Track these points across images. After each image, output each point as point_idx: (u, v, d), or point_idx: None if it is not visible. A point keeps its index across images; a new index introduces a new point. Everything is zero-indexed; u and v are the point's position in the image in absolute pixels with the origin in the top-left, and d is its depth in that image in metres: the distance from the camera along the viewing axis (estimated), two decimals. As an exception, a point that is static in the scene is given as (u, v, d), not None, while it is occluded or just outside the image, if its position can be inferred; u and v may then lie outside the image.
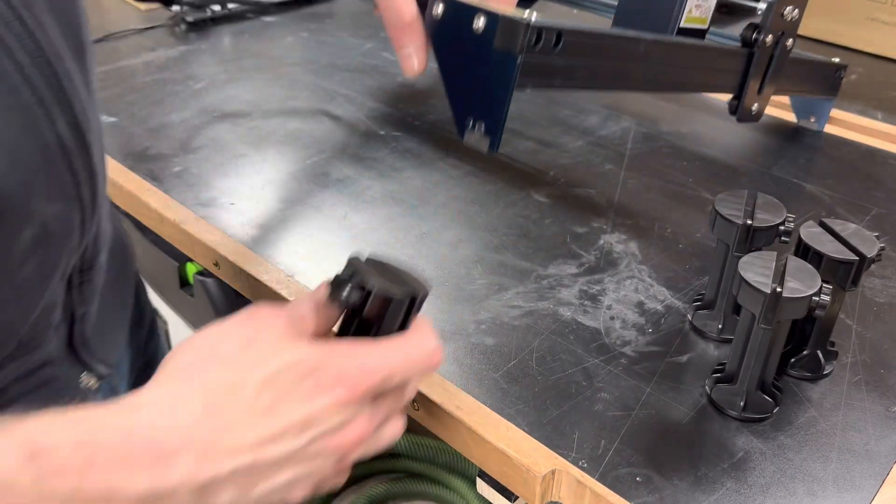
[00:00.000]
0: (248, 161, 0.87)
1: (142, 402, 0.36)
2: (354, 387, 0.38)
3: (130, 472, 0.33)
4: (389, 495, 1.43)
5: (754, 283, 0.51)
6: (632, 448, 0.52)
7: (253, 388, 0.37)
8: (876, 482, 0.51)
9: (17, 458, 0.31)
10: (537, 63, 0.47)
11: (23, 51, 0.37)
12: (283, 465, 0.38)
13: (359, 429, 0.40)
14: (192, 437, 0.35)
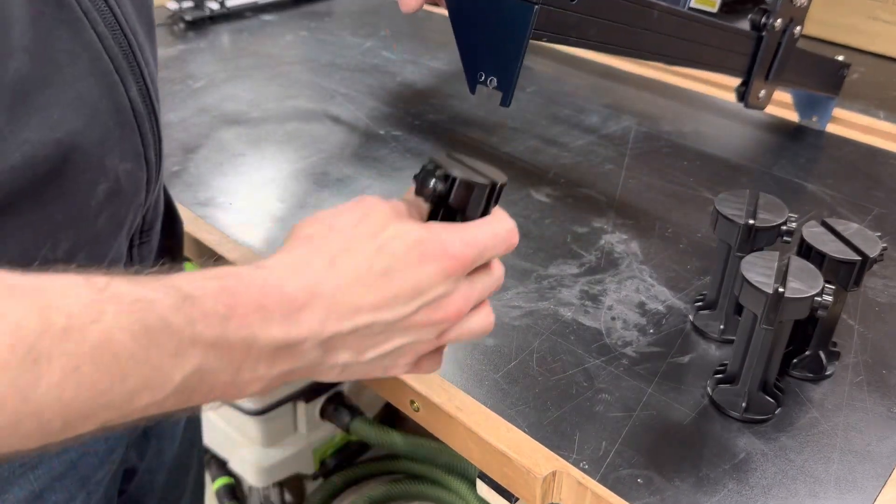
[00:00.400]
0: (247, 160, 0.87)
1: (271, 264, 0.39)
2: (456, 257, 0.41)
3: (266, 323, 0.36)
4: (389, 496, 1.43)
5: (756, 283, 0.51)
6: (633, 449, 0.52)
7: (369, 252, 0.40)
8: (878, 483, 0.51)
9: (172, 300, 0.34)
10: (553, 16, 0.47)
11: (104, 24, 0.42)
12: (394, 332, 0.41)
13: (458, 302, 0.42)
14: (318, 294, 0.38)
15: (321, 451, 1.39)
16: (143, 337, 0.32)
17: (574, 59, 1.21)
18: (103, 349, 0.31)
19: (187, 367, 0.34)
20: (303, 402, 1.29)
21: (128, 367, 0.32)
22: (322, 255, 0.40)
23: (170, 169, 0.84)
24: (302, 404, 1.30)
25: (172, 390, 0.34)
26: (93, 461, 0.53)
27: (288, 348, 0.37)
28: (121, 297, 0.33)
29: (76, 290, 0.32)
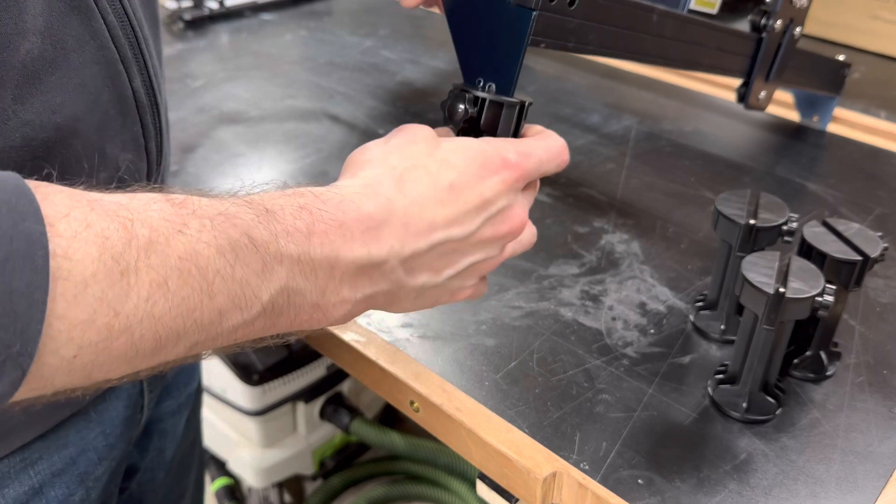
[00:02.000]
0: (247, 160, 0.87)
1: (343, 185, 0.38)
2: (516, 167, 0.42)
3: (347, 242, 0.36)
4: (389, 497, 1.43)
5: (757, 283, 0.50)
6: (633, 450, 0.52)
7: (433, 167, 0.40)
8: (879, 483, 0.50)
9: (254, 214, 0.33)
10: (552, 21, 0.47)
11: (112, 14, 0.43)
12: (466, 248, 0.42)
13: (521, 214, 0.44)
14: (393, 212, 0.38)
15: (321, 452, 1.39)
16: (228, 251, 0.32)
17: (575, 58, 1.21)
18: (189, 263, 0.31)
19: (274, 284, 0.34)
20: (302, 403, 1.29)
21: (215, 282, 0.31)
22: (389, 175, 0.39)
23: (168, 169, 0.84)
24: (301, 405, 1.30)
25: (260, 310, 0.33)
26: (92, 458, 0.53)
27: (371, 268, 0.37)
28: (202, 212, 0.32)
29: (158, 205, 0.32)
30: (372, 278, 0.38)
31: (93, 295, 0.28)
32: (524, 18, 0.45)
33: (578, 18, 0.49)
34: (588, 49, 0.52)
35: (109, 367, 0.30)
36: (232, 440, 1.30)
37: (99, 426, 0.53)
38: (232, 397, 1.24)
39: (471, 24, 0.47)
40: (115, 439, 0.55)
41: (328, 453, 1.41)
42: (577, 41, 0.50)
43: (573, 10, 0.48)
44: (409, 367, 0.58)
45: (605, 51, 0.54)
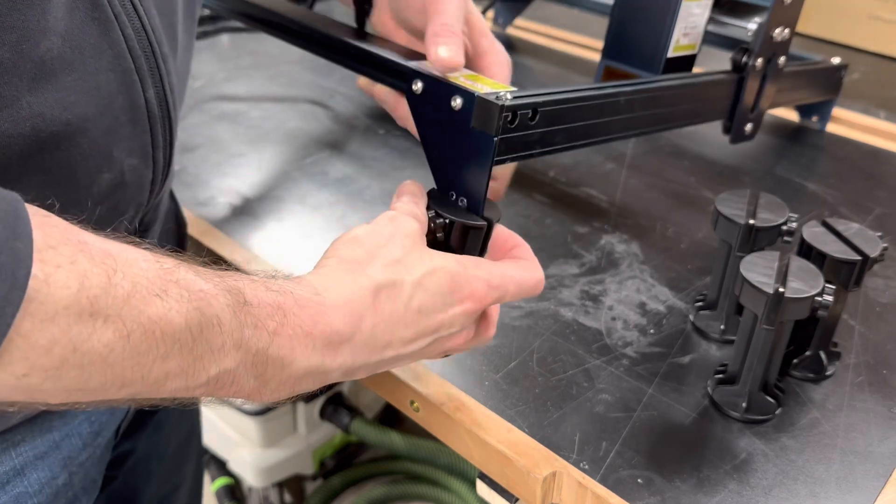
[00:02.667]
0: (247, 160, 0.87)
1: (326, 289, 0.40)
2: (481, 300, 0.44)
3: (307, 350, 0.38)
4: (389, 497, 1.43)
5: (757, 283, 0.50)
6: (633, 450, 0.52)
7: (410, 289, 0.42)
8: (878, 483, 0.50)
9: (231, 300, 0.35)
10: (515, 139, 0.49)
11: (131, 27, 0.44)
12: (406, 357, 0.44)
13: (468, 336, 0.46)
14: (360, 330, 0.40)
15: (321, 452, 1.39)
16: (195, 326, 0.34)
17: (574, 58, 1.21)
18: (157, 326, 0.32)
19: (224, 365, 0.35)
20: (302, 403, 1.29)
21: (173, 349, 0.33)
22: (369, 290, 0.41)
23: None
24: (301, 405, 1.30)
25: (204, 382, 0.35)
26: (77, 443, 0.53)
27: (316, 375, 0.39)
28: (186, 284, 0.34)
29: (145, 264, 0.33)
30: (314, 381, 0.40)
31: (59, 326, 0.30)
32: (487, 143, 0.47)
33: (542, 128, 0.50)
34: (555, 150, 0.54)
35: (53, 393, 0.32)
36: (232, 440, 1.30)
37: (84, 413, 0.53)
38: (232, 397, 1.24)
39: (441, 145, 0.49)
40: (100, 426, 0.56)
41: (328, 453, 1.41)
42: (542, 146, 0.52)
43: (535, 123, 0.49)
44: (409, 368, 0.58)
45: (575, 144, 0.55)
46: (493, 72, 0.54)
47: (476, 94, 0.46)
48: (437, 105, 0.48)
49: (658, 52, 0.72)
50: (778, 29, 0.74)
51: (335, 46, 0.59)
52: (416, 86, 0.49)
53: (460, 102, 0.47)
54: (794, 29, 0.76)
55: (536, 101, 0.49)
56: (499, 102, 0.46)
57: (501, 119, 0.46)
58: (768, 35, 0.73)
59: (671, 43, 0.71)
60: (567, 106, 0.52)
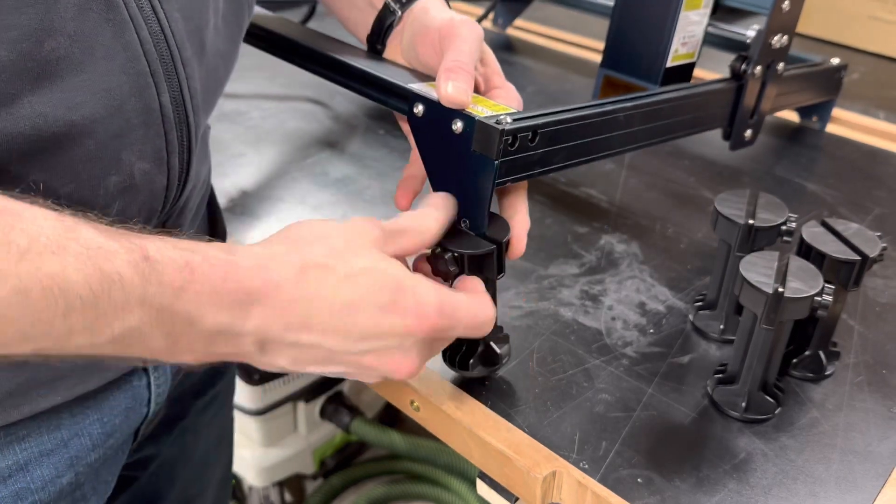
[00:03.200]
0: (247, 160, 0.87)
1: (243, 252, 0.40)
2: (425, 321, 0.42)
3: (214, 307, 0.37)
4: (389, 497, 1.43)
5: (756, 283, 0.51)
6: (633, 449, 0.52)
7: (342, 276, 0.40)
8: (878, 483, 0.50)
9: (133, 257, 0.35)
10: (516, 160, 0.49)
11: (147, 30, 0.44)
12: (336, 362, 0.42)
13: (410, 365, 0.43)
14: (275, 297, 0.39)
15: (321, 451, 1.39)
16: (95, 283, 0.34)
17: (574, 59, 1.21)
18: (55, 281, 0.33)
19: (128, 322, 0.35)
20: (303, 403, 1.29)
21: (73, 305, 0.34)
22: (296, 261, 0.40)
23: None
24: (302, 404, 1.30)
25: (110, 339, 0.36)
26: (86, 443, 0.53)
27: (227, 336, 0.38)
28: (85, 241, 0.34)
29: (45, 222, 0.34)
30: (227, 344, 0.39)
31: None
32: (488, 167, 0.47)
33: (542, 148, 0.51)
34: (556, 168, 0.54)
35: None
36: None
37: (96, 413, 0.53)
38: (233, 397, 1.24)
39: (442, 167, 0.50)
40: (114, 428, 0.55)
41: (328, 453, 1.41)
42: (542, 166, 0.52)
43: (535, 144, 0.49)
44: (409, 367, 0.58)
45: (575, 162, 0.55)
46: None
47: (476, 118, 0.47)
48: (437, 128, 0.49)
49: (657, 62, 0.72)
50: (776, 36, 0.74)
51: (337, 67, 0.59)
52: (418, 108, 0.50)
53: (461, 126, 0.47)
54: (792, 35, 0.76)
55: (536, 124, 0.49)
56: (499, 127, 0.46)
57: (502, 143, 0.46)
58: (767, 42, 0.73)
59: (670, 52, 0.72)
60: (566, 126, 0.52)
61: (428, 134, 0.50)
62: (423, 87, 0.51)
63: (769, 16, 0.72)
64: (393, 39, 0.60)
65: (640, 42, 0.73)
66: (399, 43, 0.59)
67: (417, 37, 0.55)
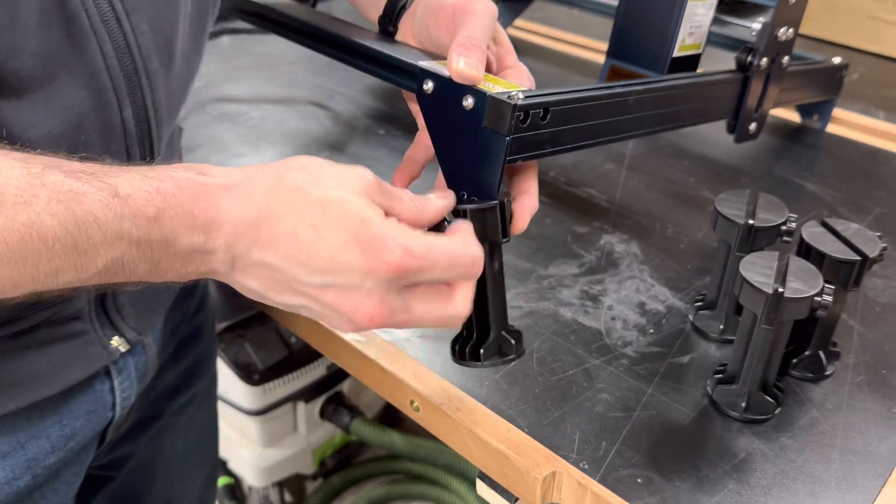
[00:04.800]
0: (247, 160, 0.87)
1: (217, 173, 0.40)
2: (386, 260, 0.39)
3: (189, 228, 0.38)
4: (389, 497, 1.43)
5: (756, 283, 0.50)
6: (633, 449, 0.52)
7: (314, 199, 0.39)
8: (878, 483, 0.50)
9: (103, 195, 0.36)
10: (527, 138, 0.48)
11: (111, 44, 0.43)
12: (298, 293, 0.40)
13: (371, 309, 0.40)
14: (241, 216, 0.39)
15: (321, 451, 1.39)
16: (71, 225, 0.35)
17: (574, 59, 1.21)
18: (31, 229, 0.34)
19: (110, 255, 0.37)
20: (303, 403, 1.29)
21: (54, 248, 0.35)
22: (270, 182, 0.40)
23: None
24: (302, 404, 1.30)
25: (95, 272, 0.37)
26: (44, 446, 0.53)
27: (201, 253, 0.39)
28: (54, 186, 0.35)
29: (12, 172, 0.35)
30: (202, 261, 0.40)
31: None
32: (499, 143, 0.46)
33: (552, 127, 0.50)
34: (565, 149, 0.53)
35: None
36: (232, 439, 1.31)
37: (55, 416, 0.53)
38: (233, 397, 1.24)
39: (451, 145, 0.49)
40: (74, 431, 0.55)
41: (328, 453, 1.41)
42: (552, 146, 0.51)
43: (546, 122, 0.49)
44: (409, 367, 0.58)
45: (584, 144, 0.55)
46: None
47: (488, 93, 0.46)
48: (448, 105, 0.48)
49: (663, 52, 0.72)
50: (782, 29, 0.74)
51: (344, 46, 0.59)
52: (427, 85, 0.49)
53: (472, 102, 0.47)
54: (798, 28, 0.76)
55: (548, 101, 0.49)
56: (511, 102, 0.45)
57: (514, 118, 0.46)
58: (773, 35, 0.74)
59: (676, 42, 0.72)
60: (578, 105, 0.52)
61: (437, 112, 0.49)
62: (433, 65, 0.50)
63: (775, 7, 0.73)
64: (405, 21, 0.59)
65: (647, 32, 0.73)
66: (411, 25, 0.58)
67: (430, 15, 0.54)
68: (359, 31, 0.59)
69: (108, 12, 0.43)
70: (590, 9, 1.16)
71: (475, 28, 0.49)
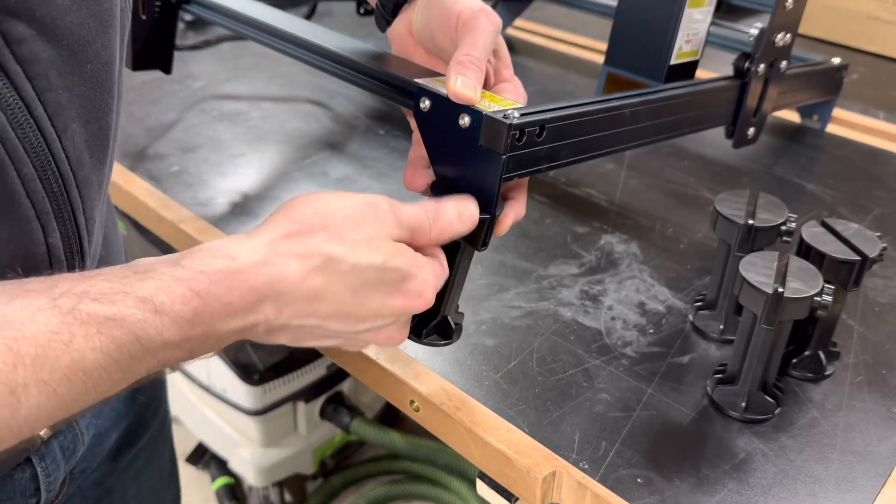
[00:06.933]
0: (247, 160, 0.87)
1: (243, 254, 0.39)
2: (424, 302, 0.44)
3: (228, 318, 0.38)
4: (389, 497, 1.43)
5: (756, 283, 0.51)
6: (633, 449, 0.52)
7: (349, 267, 0.41)
8: (878, 483, 0.50)
9: (142, 314, 0.35)
10: (523, 155, 0.49)
11: (33, 164, 0.39)
12: (334, 337, 0.44)
13: (402, 336, 0.46)
14: (282, 290, 0.39)
15: (321, 451, 1.39)
16: (114, 352, 0.34)
17: (574, 59, 1.21)
18: (76, 369, 0.33)
19: (153, 362, 0.37)
20: (303, 402, 1.29)
21: (101, 377, 0.34)
22: (300, 249, 0.40)
23: (169, 169, 0.84)
24: (302, 404, 1.30)
25: (136, 380, 0.37)
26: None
27: (240, 332, 0.40)
28: (90, 318, 0.34)
29: (41, 317, 0.33)
30: (238, 336, 0.40)
31: None
32: (495, 161, 0.47)
33: (549, 143, 0.50)
34: (562, 164, 0.54)
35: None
36: (233, 439, 1.31)
37: None
38: (233, 397, 1.24)
39: (448, 162, 0.50)
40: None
41: (328, 453, 1.41)
42: (549, 161, 0.52)
43: (542, 139, 0.49)
44: (409, 367, 0.58)
45: (581, 157, 0.55)
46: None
47: (484, 112, 0.47)
48: (444, 123, 0.49)
49: (661, 60, 0.72)
50: (780, 34, 0.74)
51: (342, 62, 0.59)
52: (424, 104, 0.50)
53: (468, 121, 0.47)
54: (795, 34, 0.76)
55: (543, 118, 0.49)
56: (507, 121, 0.46)
57: (509, 137, 0.46)
58: (770, 41, 0.74)
59: (674, 50, 0.72)
60: (574, 121, 0.52)
61: (434, 129, 0.50)
62: (430, 82, 0.50)
63: (772, 14, 0.73)
64: (404, 12, 0.58)
65: (644, 40, 0.73)
66: (410, 18, 0.57)
67: (436, 20, 0.53)
68: (355, 46, 0.59)
69: (26, 122, 0.38)
70: (590, 9, 1.17)
71: (476, 45, 0.49)
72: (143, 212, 0.80)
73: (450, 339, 0.53)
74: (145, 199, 0.78)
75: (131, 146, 0.88)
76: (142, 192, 0.80)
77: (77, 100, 0.41)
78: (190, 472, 1.48)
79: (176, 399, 1.36)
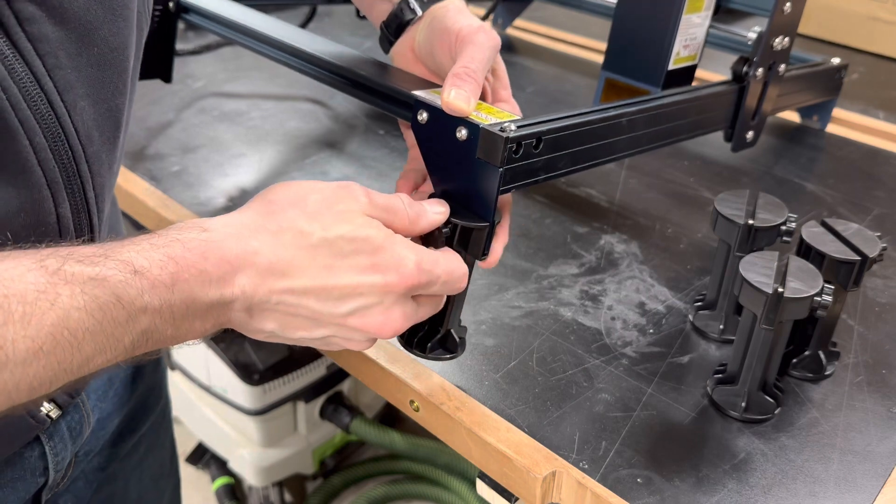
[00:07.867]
0: (247, 160, 0.87)
1: (216, 227, 0.40)
2: (405, 276, 0.43)
3: (205, 285, 0.39)
4: (389, 497, 1.43)
5: (756, 283, 0.51)
6: (633, 449, 0.52)
7: (318, 240, 0.41)
8: (877, 483, 0.51)
9: (123, 275, 0.36)
10: (520, 167, 0.49)
11: (43, 134, 0.40)
12: (320, 324, 0.43)
13: (394, 323, 0.44)
14: (255, 262, 0.40)
15: (321, 451, 1.39)
16: (97, 311, 0.35)
17: (574, 59, 1.21)
18: (61, 327, 0.34)
19: (136, 329, 0.37)
20: (303, 402, 1.29)
21: (84, 338, 0.35)
22: (271, 226, 0.41)
23: (169, 169, 0.84)
24: (302, 404, 1.30)
25: (123, 350, 0.37)
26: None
27: (219, 306, 0.40)
28: (74, 278, 0.35)
29: (30, 276, 0.34)
30: (220, 314, 0.41)
31: None
32: (492, 174, 0.47)
33: (546, 155, 0.51)
34: (560, 174, 0.54)
35: None
36: (232, 439, 1.31)
37: None
38: (233, 397, 1.24)
39: (445, 174, 0.50)
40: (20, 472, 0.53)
41: (328, 453, 1.41)
42: (546, 172, 0.52)
43: (539, 151, 0.50)
44: (409, 367, 0.58)
45: (578, 167, 0.55)
46: None
47: (481, 125, 0.47)
48: (441, 135, 0.49)
49: (659, 65, 0.72)
50: (778, 38, 0.74)
51: (340, 74, 0.59)
52: (422, 116, 0.50)
53: (465, 133, 0.47)
54: (793, 37, 0.76)
55: (540, 130, 0.49)
56: (503, 134, 0.46)
57: (506, 150, 0.46)
58: (768, 44, 0.73)
59: (672, 55, 0.72)
60: (571, 132, 0.52)
61: (432, 141, 0.50)
62: (428, 94, 0.51)
63: (770, 18, 0.72)
64: (407, 33, 0.59)
65: (642, 45, 0.73)
66: (413, 37, 0.58)
67: (436, 38, 0.54)
68: (355, 60, 0.60)
69: (37, 95, 0.40)
70: (590, 9, 1.17)
71: (473, 59, 0.49)
72: (143, 212, 0.80)
73: (454, 353, 0.53)
74: (145, 199, 0.78)
75: (131, 146, 0.88)
76: (142, 192, 0.80)
77: (86, 80, 0.43)
78: (190, 472, 1.48)
79: (176, 399, 1.36)
